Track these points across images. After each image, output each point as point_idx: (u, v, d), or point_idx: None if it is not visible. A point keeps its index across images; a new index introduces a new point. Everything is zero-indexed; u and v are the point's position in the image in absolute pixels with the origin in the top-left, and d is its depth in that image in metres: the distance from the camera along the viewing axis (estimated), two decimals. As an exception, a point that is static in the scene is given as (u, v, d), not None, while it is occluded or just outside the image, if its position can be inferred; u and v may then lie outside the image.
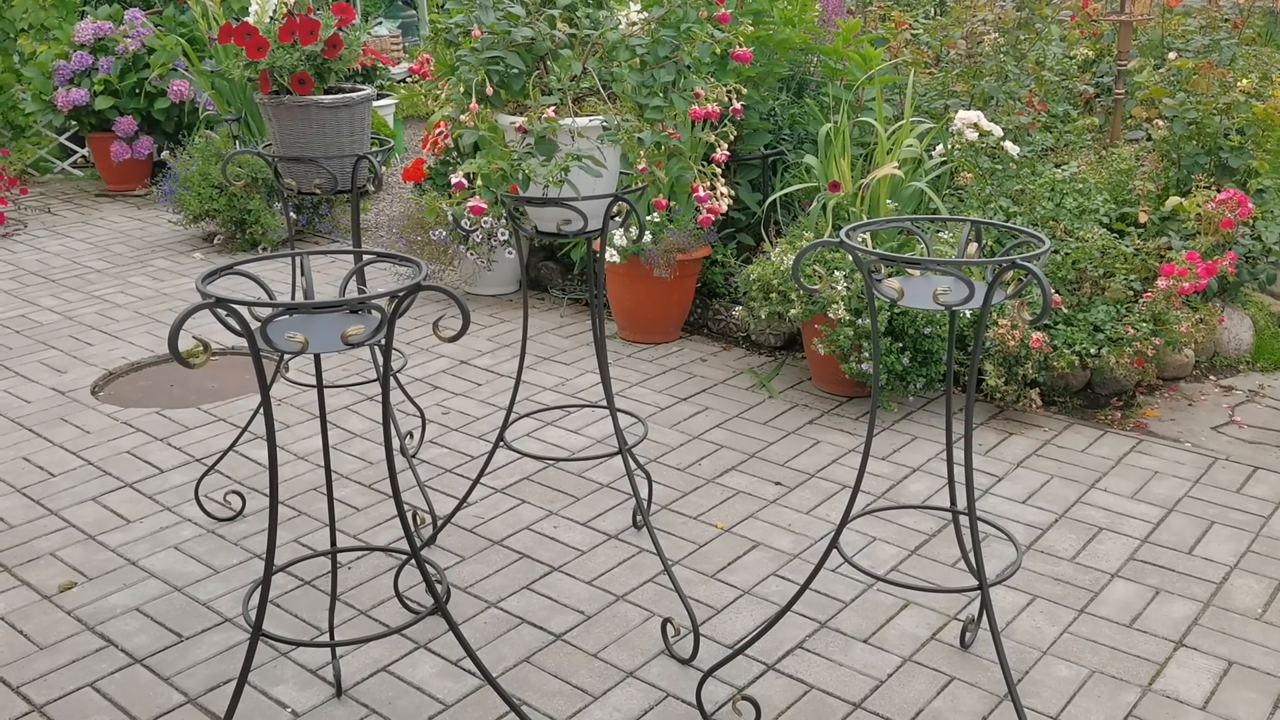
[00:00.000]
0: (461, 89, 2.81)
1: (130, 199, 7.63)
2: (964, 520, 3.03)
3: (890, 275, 2.48)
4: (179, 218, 6.48)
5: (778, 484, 3.74)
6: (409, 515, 3.44)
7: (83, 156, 8.26)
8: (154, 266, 6.10)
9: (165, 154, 7.68)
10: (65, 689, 2.76)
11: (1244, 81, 4.79)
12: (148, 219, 7.08)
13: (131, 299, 5.57)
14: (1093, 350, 4.03)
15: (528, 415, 3.80)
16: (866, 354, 4.05)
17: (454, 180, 2.75)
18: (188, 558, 3.32)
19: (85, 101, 7.34)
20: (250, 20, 3.19)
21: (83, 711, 2.68)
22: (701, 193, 3.04)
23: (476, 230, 5.20)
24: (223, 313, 2.04)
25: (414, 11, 11.85)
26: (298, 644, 2.43)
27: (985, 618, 2.90)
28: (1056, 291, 4.18)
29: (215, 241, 6.46)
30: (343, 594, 3.12)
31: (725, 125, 3.14)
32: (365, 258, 2.77)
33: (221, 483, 3.73)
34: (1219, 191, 4.48)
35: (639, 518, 3.49)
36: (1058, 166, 4.80)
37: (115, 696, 2.73)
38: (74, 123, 7.67)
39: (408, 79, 9.10)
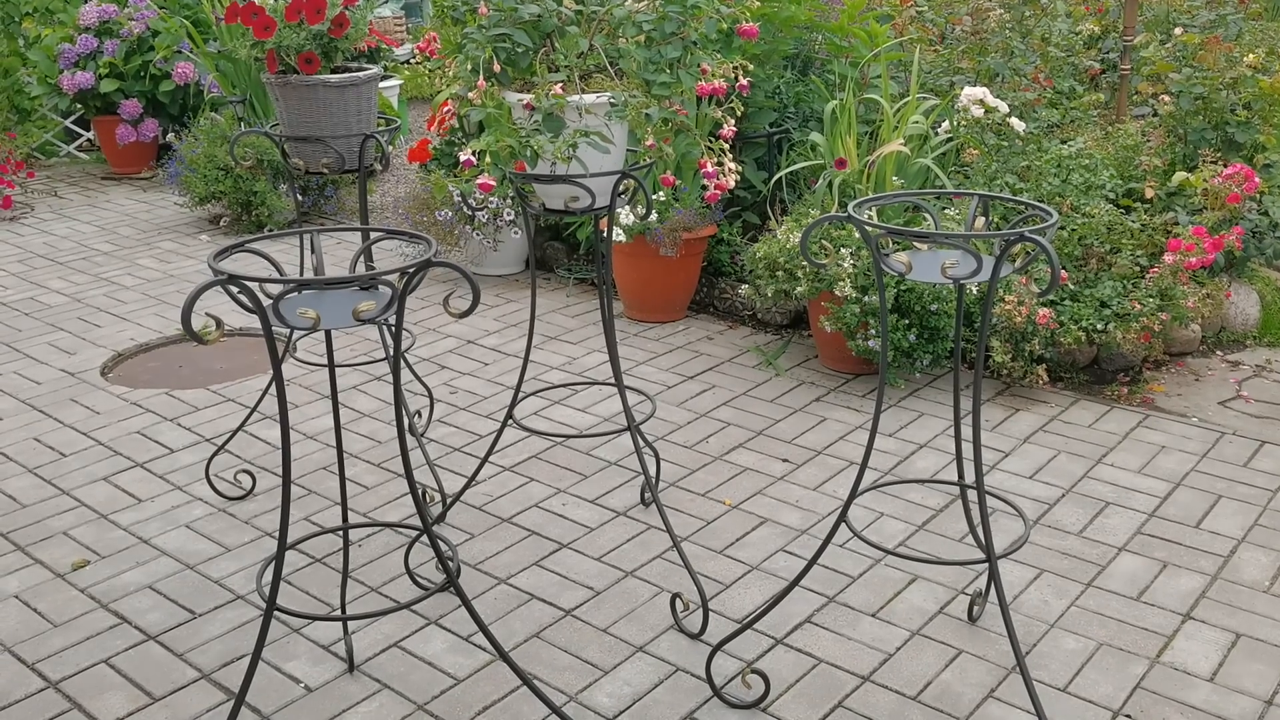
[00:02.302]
0: (469, 66, 2.81)
1: (136, 182, 7.63)
2: (972, 495, 3.04)
3: (898, 250, 2.48)
4: (185, 200, 6.49)
5: (785, 461, 3.75)
6: (419, 493, 3.45)
7: (88, 140, 8.26)
8: (161, 249, 6.11)
9: (170, 136, 7.69)
10: (80, 665, 2.78)
11: (1250, 56, 4.78)
12: (154, 202, 7.09)
13: (139, 281, 5.58)
14: (1099, 326, 4.03)
15: (535, 394, 3.82)
16: (873, 331, 4.05)
17: (463, 158, 2.76)
18: (199, 536, 3.34)
19: (90, 85, 7.34)
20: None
21: (98, 687, 2.70)
22: (709, 168, 3.05)
23: (483, 210, 5.20)
24: (235, 290, 2.04)
25: (417, -8, 11.82)
26: (312, 618, 2.44)
27: (993, 591, 2.92)
28: (1063, 267, 4.18)
29: (221, 224, 6.47)
30: (353, 571, 3.14)
31: (732, 101, 3.15)
32: (374, 234, 2.77)
33: (231, 462, 3.74)
34: (1226, 166, 4.47)
35: (647, 494, 3.50)
36: (1064, 143, 4.79)
37: (130, 673, 2.75)
38: (79, 106, 7.68)
39: (412, 60, 9.09)
